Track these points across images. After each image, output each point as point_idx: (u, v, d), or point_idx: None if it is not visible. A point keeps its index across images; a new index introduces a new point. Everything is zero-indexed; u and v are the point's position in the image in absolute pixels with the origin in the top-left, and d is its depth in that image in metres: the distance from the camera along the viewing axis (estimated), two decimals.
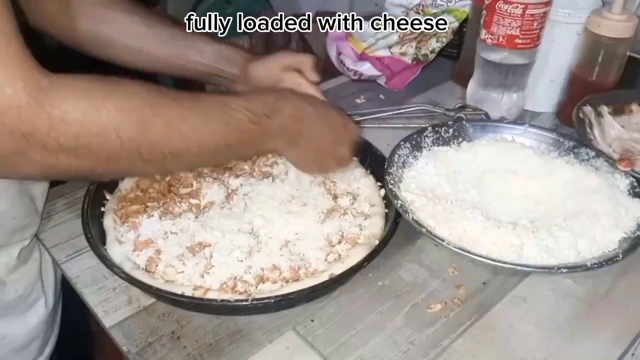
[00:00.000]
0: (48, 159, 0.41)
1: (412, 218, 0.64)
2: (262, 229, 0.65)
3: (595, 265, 0.59)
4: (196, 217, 0.67)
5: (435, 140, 0.80)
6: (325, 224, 0.66)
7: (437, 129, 0.80)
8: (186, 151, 0.50)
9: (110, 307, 0.59)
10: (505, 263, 0.60)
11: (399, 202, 0.66)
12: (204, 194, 0.70)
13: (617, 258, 0.60)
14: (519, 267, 0.60)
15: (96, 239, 0.61)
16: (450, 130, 0.81)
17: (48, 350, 0.73)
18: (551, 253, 0.62)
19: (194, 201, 0.69)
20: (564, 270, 0.60)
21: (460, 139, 0.81)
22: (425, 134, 0.79)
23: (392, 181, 0.69)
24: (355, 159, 0.75)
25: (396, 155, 0.74)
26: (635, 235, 0.64)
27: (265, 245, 0.63)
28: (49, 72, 0.41)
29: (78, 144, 0.42)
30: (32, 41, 0.41)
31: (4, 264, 0.63)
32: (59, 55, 0.64)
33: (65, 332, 0.76)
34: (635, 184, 0.72)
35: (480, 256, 0.60)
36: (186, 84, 0.83)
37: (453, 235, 0.64)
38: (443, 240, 0.61)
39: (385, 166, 0.71)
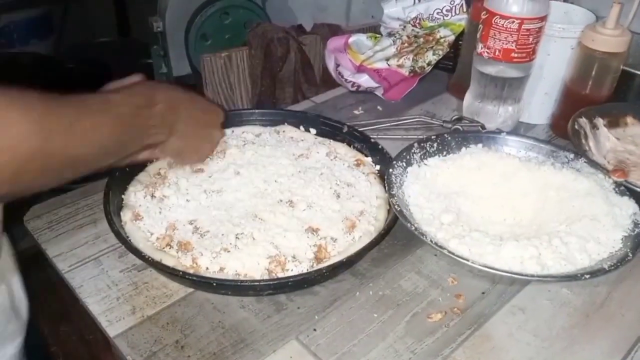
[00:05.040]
0: None
1: (431, 240, 0.63)
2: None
3: (612, 267, 0.60)
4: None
5: (422, 156, 0.79)
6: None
7: (422, 144, 0.79)
8: (89, 152, 0.50)
9: (114, 317, 0.59)
10: (504, 272, 0.60)
11: (413, 226, 0.65)
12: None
13: (628, 257, 0.62)
14: (516, 276, 0.61)
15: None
16: (435, 144, 0.80)
17: None
18: (568, 260, 0.62)
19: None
20: (587, 277, 0.59)
21: (445, 152, 0.80)
22: (412, 151, 0.78)
23: (397, 204, 0.68)
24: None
25: (392, 176, 0.73)
26: (635, 233, 0.66)
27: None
28: None
29: None
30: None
31: None
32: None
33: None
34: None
35: (478, 264, 0.60)
36: None
37: (473, 253, 0.63)
38: (443, 248, 0.61)
39: (387, 188, 0.71)
